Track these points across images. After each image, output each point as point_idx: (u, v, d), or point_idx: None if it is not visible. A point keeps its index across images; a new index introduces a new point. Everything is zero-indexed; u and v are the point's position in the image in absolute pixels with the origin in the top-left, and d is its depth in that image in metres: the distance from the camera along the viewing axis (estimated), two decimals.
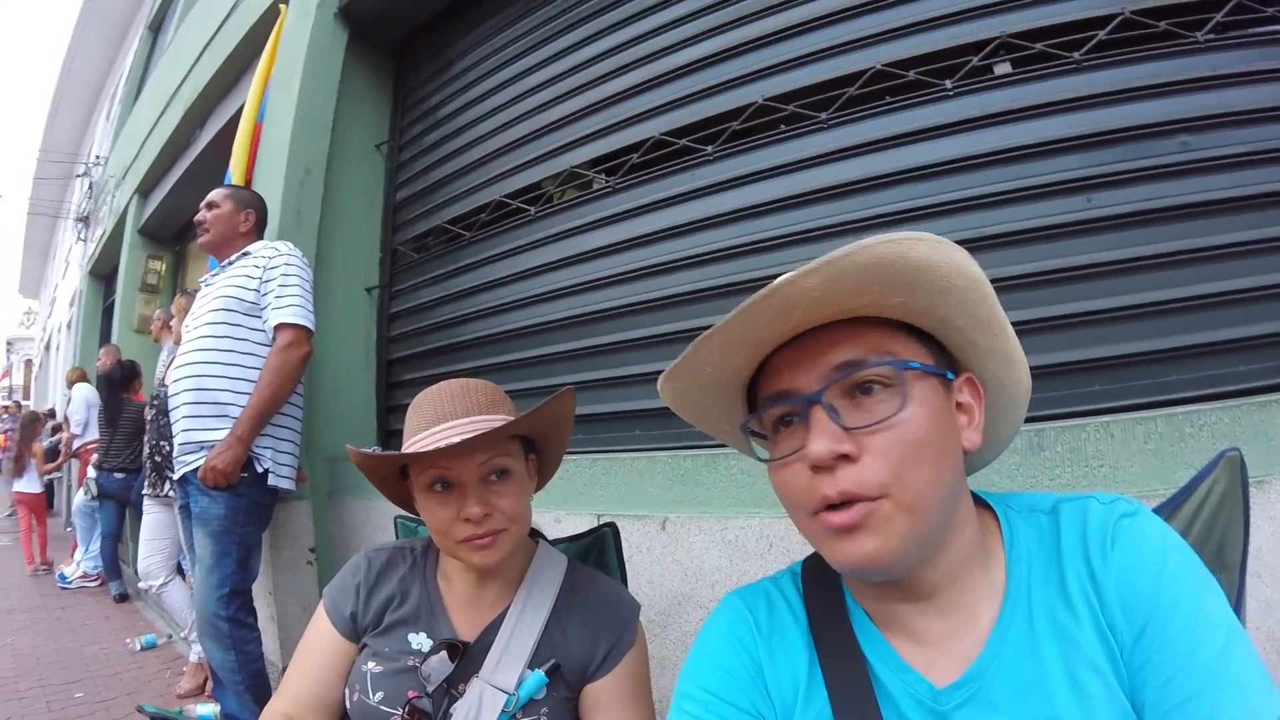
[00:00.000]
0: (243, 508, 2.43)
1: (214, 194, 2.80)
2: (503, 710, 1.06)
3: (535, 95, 2.77)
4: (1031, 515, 0.75)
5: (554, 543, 1.32)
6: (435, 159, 3.27)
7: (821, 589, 0.82)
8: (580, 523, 1.50)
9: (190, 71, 5.45)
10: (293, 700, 1.16)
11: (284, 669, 2.21)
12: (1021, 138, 1.74)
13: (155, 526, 3.61)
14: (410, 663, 1.10)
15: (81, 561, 6.32)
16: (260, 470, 2.44)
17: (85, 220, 10.68)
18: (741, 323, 0.67)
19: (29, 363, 24.58)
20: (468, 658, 1.09)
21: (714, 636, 0.84)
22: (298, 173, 3.28)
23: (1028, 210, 1.71)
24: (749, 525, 1.71)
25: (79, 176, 11.49)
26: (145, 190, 7.11)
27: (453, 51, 3.37)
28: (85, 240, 10.68)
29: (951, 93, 1.82)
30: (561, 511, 1.89)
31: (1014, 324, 1.52)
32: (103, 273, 9.26)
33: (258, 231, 2.80)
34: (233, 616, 2.39)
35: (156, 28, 9.20)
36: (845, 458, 0.66)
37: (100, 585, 6.02)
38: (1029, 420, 1.44)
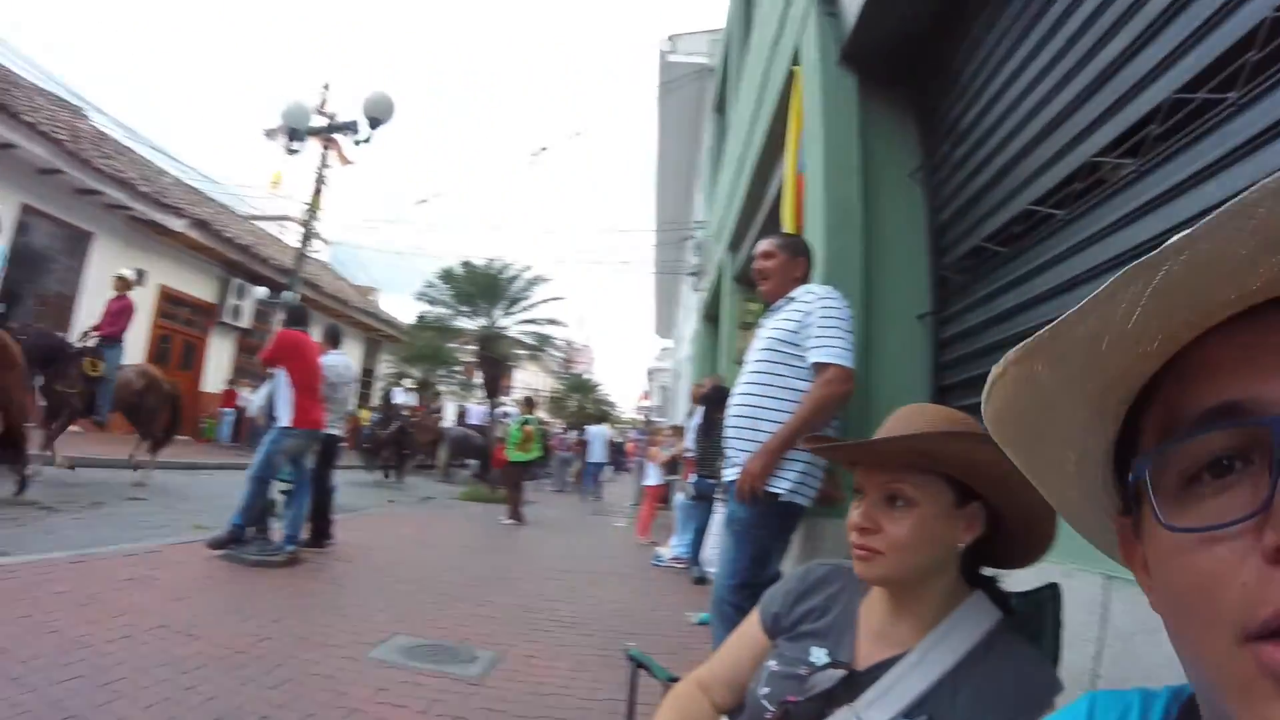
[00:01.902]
0: (762, 515, 2.71)
1: (768, 244, 3.09)
2: None
3: (1036, 89, 2.52)
4: None
5: (1006, 595, 1.20)
6: (964, 176, 3.16)
7: None
8: (1087, 582, 1.30)
9: (748, 140, 6.16)
10: (710, 672, 1.34)
11: None
12: None
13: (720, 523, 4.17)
14: (801, 671, 1.15)
15: (675, 546, 7.50)
16: (778, 492, 2.68)
17: (696, 274, 12.58)
18: (1209, 244, 0.37)
19: (664, 389, 29.72)
20: (852, 684, 1.10)
21: None
22: (836, 215, 3.47)
23: None
24: None
25: (686, 240, 13.69)
26: (735, 245, 8.14)
27: (954, 64, 3.26)
28: (698, 290, 12.58)
29: None
30: (1073, 566, 1.63)
31: None
32: (712, 315, 10.79)
33: (807, 277, 3.05)
34: (737, 604, 2.66)
35: (720, 109, 10.59)
36: None
37: (685, 568, 7.09)
38: None
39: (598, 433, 18.19)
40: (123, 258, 14.43)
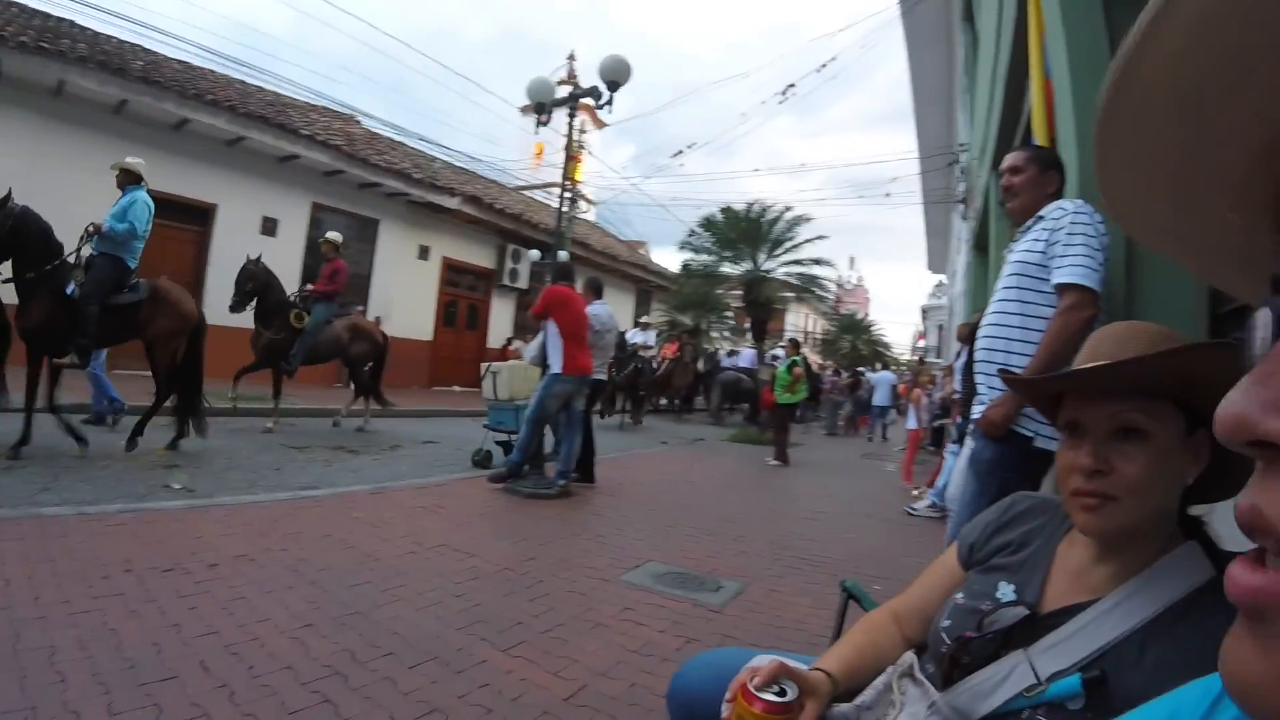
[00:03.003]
0: (1008, 457, 2.49)
1: (1015, 157, 2.84)
2: (1021, 694, 0.95)
3: None
4: None
5: (1223, 551, 0.99)
6: None
7: None
8: None
9: (998, 47, 5.62)
10: (904, 602, 1.29)
11: None
12: None
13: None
14: (985, 606, 1.07)
15: (933, 494, 7.18)
16: (1024, 434, 2.45)
17: (963, 201, 11.75)
18: None
19: (940, 327, 28.09)
20: (1033, 626, 1.00)
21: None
22: (1086, 120, 3.11)
23: None
24: None
25: (951, 164, 12.79)
26: (998, 166, 7.53)
27: None
28: (966, 219, 11.77)
29: None
30: None
31: None
32: (982, 245, 10.06)
33: (1060, 193, 2.76)
34: None
35: (969, 18, 9.70)
36: None
37: (942, 518, 6.71)
38: None
39: (882, 378, 18.46)
40: (407, 237, 16.77)
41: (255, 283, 8.48)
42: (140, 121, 11.87)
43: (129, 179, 6.37)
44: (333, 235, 9.51)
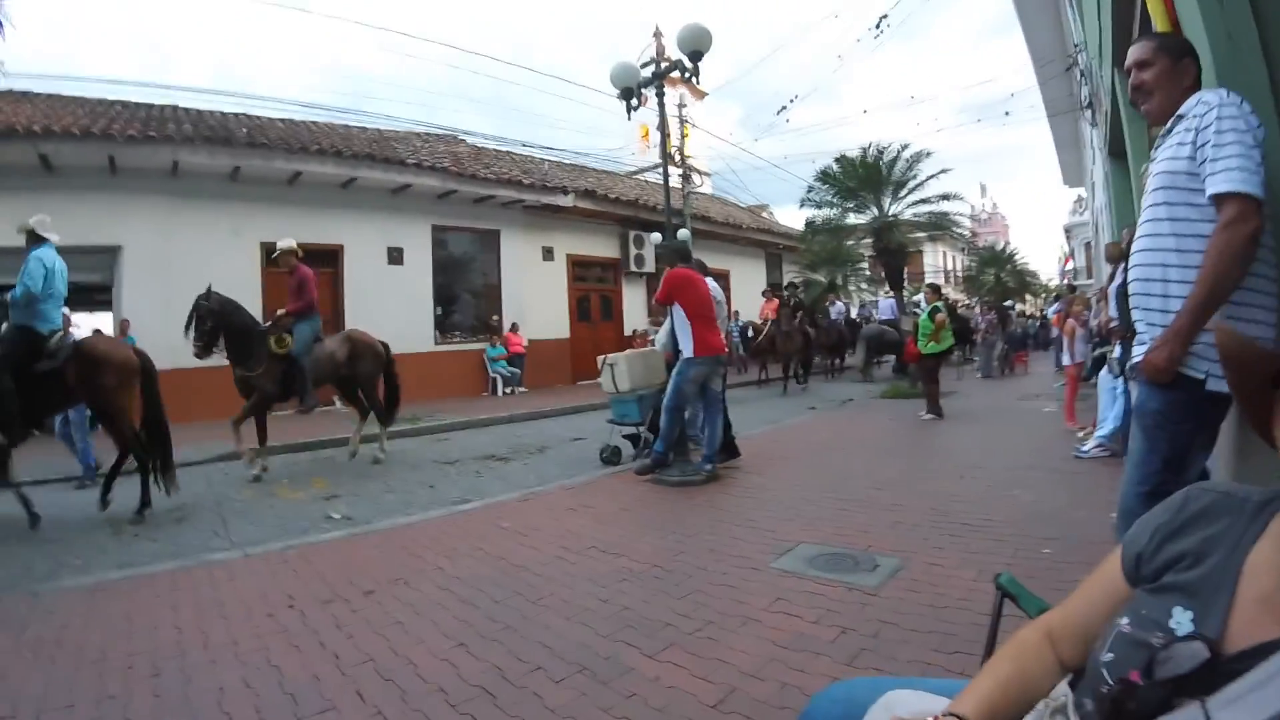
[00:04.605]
0: (1177, 405, 2.15)
1: (1141, 50, 2.44)
2: None
3: None
4: None
5: None
6: None
7: None
8: None
9: None
10: (1061, 618, 1.08)
11: None
12: None
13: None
14: (1155, 639, 0.85)
15: (1097, 434, 6.65)
16: (1196, 376, 2.10)
17: (1090, 106, 10.86)
18: None
19: (1088, 245, 26.13)
20: (1218, 668, 0.79)
21: None
22: None
23: None
24: None
25: (1069, 69, 11.81)
26: (1119, 60, 6.87)
27: None
28: (1095, 125, 10.88)
29: None
30: None
31: None
32: (1118, 151, 9.28)
33: (1198, 84, 2.37)
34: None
35: None
36: None
37: (1112, 456, 6.19)
38: None
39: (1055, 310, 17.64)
40: (529, 242, 17.31)
41: (215, 319, 7.15)
42: (256, 182, 12.78)
43: (30, 239, 5.69)
44: (284, 243, 8.04)
